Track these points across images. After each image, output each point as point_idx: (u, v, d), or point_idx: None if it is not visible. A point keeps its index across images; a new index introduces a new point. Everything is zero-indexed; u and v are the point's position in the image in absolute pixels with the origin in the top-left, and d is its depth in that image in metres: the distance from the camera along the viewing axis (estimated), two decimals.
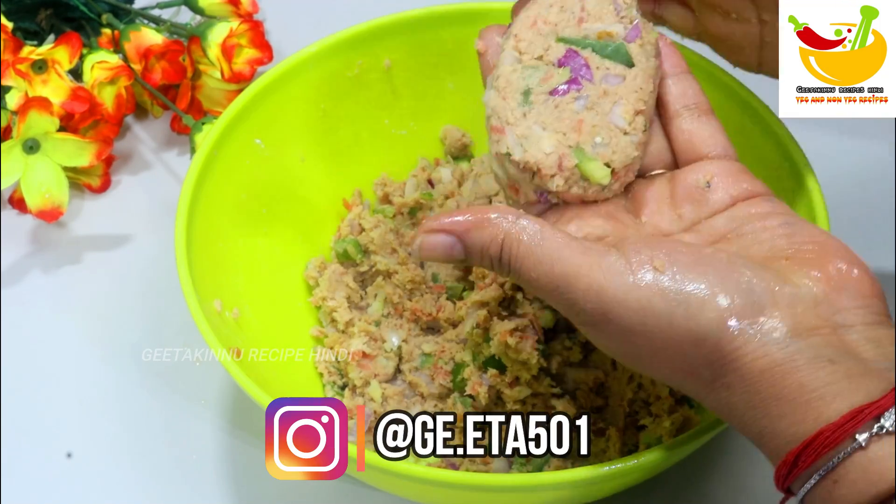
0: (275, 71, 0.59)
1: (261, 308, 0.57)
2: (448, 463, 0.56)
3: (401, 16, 0.61)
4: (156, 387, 0.61)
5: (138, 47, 0.70)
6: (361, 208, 0.63)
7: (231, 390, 0.60)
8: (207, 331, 0.49)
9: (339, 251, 0.61)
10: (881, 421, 0.36)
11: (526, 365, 0.55)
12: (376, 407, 0.57)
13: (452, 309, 0.58)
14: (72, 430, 0.60)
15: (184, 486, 0.57)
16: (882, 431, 0.35)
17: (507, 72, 0.47)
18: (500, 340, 0.55)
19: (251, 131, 0.59)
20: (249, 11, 0.75)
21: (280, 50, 0.73)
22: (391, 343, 0.58)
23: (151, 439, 0.59)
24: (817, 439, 0.36)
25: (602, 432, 0.56)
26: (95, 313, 0.64)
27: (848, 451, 0.36)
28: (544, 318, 0.56)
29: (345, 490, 0.57)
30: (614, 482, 0.48)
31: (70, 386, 0.61)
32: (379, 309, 0.60)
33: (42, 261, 0.67)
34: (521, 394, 0.55)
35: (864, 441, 0.36)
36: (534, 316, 0.55)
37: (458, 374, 0.56)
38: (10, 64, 0.66)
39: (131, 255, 0.67)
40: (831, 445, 0.36)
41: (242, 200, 0.58)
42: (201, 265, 0.53)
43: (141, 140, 0.74)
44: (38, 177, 0.65)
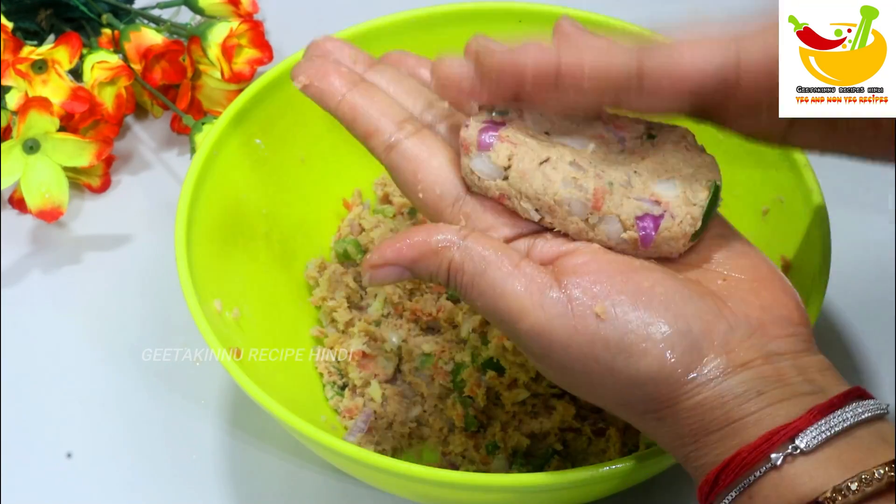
0: (275, 71, 0.59)
1: (261, 308, 0.57)
2: (448, 463, 0.56)
3: (400, 16, 0.61)
4: (156, 387, 0.61)
5: (138, 47, 0.70)
6: (361, 208, 0.63)
7: (231, 390, 0.60)
8: (207, 331, 0.49)
9: (339, 251, 0.61)
10: (795, 442, 0.37)
11: (524, 367, 0.55)
12: (376, 407, 0.57)
13: (452, 309, 0.58)
14: (72, 430, 0.60)
15: (184, 486, 0.57)
16: (796, 452, 0.37)
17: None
18: (497, 343, 0.55)
19: (251, 131, 0.59)
20: (249, 11, 0.75)
21: (280, 50, 0.73)
22: (391, 343, 0.58)
23: (151, 439, 0.59)
24: (735, 459, 0.38)
25: (602, 432, 0.56)
26: (95, 313, 0.64)
27: (763, 469, 0.38)
28: None
29: (345, 490, 0.57)
30: (614, 482, 0.48)
31: (70, 386, 0.61)
32: (379, 309, 0.60)
33: (42, 261, 0.67)
34: (519, 396, 0.55)
35: (779, 461, 0.37)
36: None
37: (458, 375, 0.56)
38: (10, 64, 0.66)
39: (131, 255, 0.67)
40: (748, 465, 0.38)
41: (242, 200, 0.58)
42: (201, 265, 0.53)
43: (141, 140, 0.74)
44: (38, 177, 0.65)
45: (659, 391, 0.40)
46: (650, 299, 0.40)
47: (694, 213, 0.42)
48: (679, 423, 0.40)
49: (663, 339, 0.39)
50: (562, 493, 0.48)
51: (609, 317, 0.39)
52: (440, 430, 0.57)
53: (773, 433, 0.38)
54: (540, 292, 0.40)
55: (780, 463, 0.37)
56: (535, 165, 0.42)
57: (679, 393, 0.39)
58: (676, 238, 0.42)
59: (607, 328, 0.39)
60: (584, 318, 0.39)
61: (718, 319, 0.40)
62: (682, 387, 0.39)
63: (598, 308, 0.39)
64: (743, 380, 0.39)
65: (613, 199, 0.42)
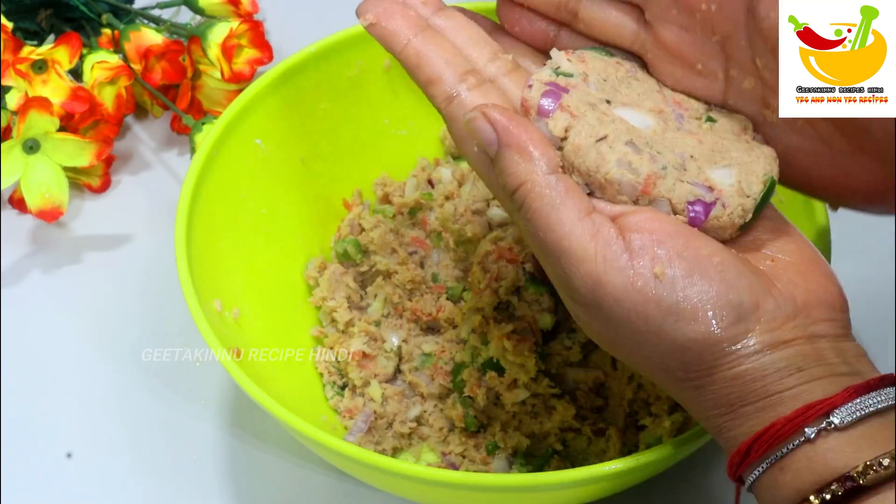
0: (275, 71, 0.59)
1: (261, 308, 0.57)
2: (448, 463, 0.56)
3: None
4: (156, 387, 0.61)
5: (138, 47, 0.70)
6: (361, 208, 0.63)
7: (231, 390, 0.60)
8: (207, 331, 0.49)
9: (339, 251, 0.61)
10: (830, 417, 0.38)
11: (524, 367, 0.55)
12: (376, 407, 0.57)
13: (452, 309, 0.58)
14: (72, 430, 0.60)
15: (184, 486, 0.57)
16: (831, 427, 0.38)
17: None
18: (497, 343, 0.55)
19: (251, 131, 0.59)
20: (249, 11, 0.75)
21: (280, 50, 0.73)
22: (391, 343, 0.58)
23: (151, 439, 0.59)
24: (769, 431, 0.39)
25: (602, 432, 0.56)
26: (95, 313, 0.64)
27: (797, 443, 0.38)
28: (542, 321, 0.56)
29: (345, 490, 0.57)
30: (614, 482, 0.48)
31: (70, 386, 0.61)
32: (379, 309, 0.60)
33: (42, 261, 0.67)
34: (518, 396, 0.55)
35: (812, 434, 0.38)
36: (532, 318, 0.55)
37: (458, 375, 0.56)
38: (10, 64, 0.66)
39: (131, 255, 0.67)
40: (782, 437, 0.39)
41: (242, 200, 0.58)
42: (201, 265, 0.53)
43: (141, 140, 0.74)
44: (38, 177, 0.65)
45: (702, 358, 0.40)
46: (707, 267, 0.40)
47: (746, 205, 0.42)
48: (717, 393, 0.40)
49: (714, 308, 0.40)
50: (562, 493, 0.48)
51: (667, 278, 0.40)
52: (440, 430, 0.57)
53: (809, 407, 0.38)
54: (605, 242, 0.40)
55: (814, 437, 0.38)
56: (591, 142, 0.42)
57: (721, 362, 0.40)
58: (725, 227, 0.42)
59: (663, 289, 0.40)
60: (643, 276, 0.40)
61: (767, 296, 0.40)
62: (725, 356, 0.40)
63: (657, 269, 0.40)
64: (784, 356, 0.40)
65: (666, 183, 0.42)
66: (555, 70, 0.44)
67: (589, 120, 0.42)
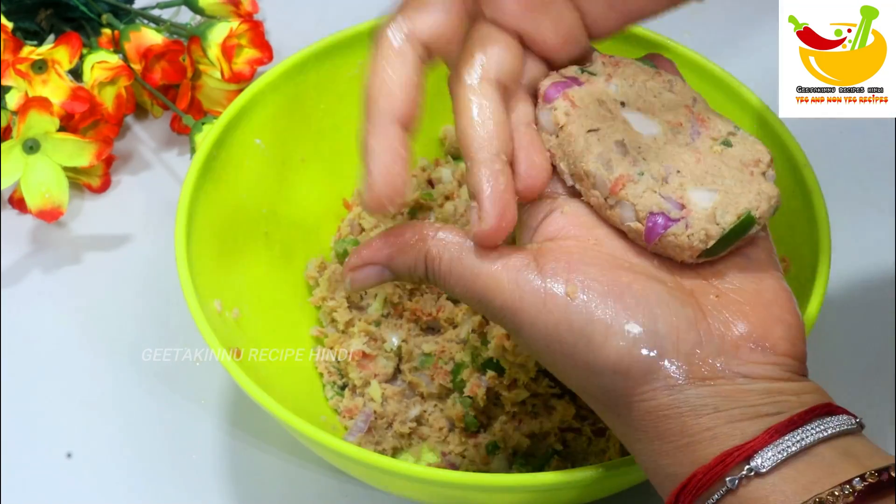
0: (275, 71, 0.59)
1: (261, 308, 0.57)
2: (448, 463, 0.56)
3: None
4: (155, 387, 0.61)
5: (138, 47, 0.70)
6: (361, 208, 0.63)
7: (231, 390, 0.60)
8: (207, 331, 0.49)
9: (339, 251, 0.61)
10: (751, 462, 0.37)
11: (524, 367, 0.55)
12: (376, 407, 0.57)
13: (452, 309, 0.58)
14: (72, 430, 0.60)
15: (184, 486, 0.57)
16: (752, 474, 0.37)
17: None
18: (497, 343, 0.55)
19: (251, 131, 0.59)
20: (249, 11, 0.75)
21: (280, 50, 0.73)
22: (391, 343, 0.58)
23: (151, 439, 0.59)
24: (691, 482, 0.38)
25: (602, 432, 0.56)
26: (95, 313, 0.64)
27: (721, 492, 0.37)
28: None
29: (345, 490, 0.57)
30: (614, 482, 0.48)
31: (70, 386, 0.61)
32: (379, 309, 0.60)
33: (42, 261, 0.67)
34: (518, 396, 0.55)
35: (734, 483, 0.37)
36: None
37: (458, 375, 0.56)
38: (10, 64, 0.66)
39: (131, 255, 0.67)
40: (704, 488, 0.37)
41: (242, 200, 0.58)
42: (201, 265, 0.53)
43: (141, 140, 0.74)
44: (38, 177, 0.65)
45: (615, 385, 0.39)
46: (623, 292, 0.39)
47: (711, 232, 0.41)
48: (636, 427, 0.40)
49: (626, 333, 0.39)
50: (562, 493, 0.48)
51: (578, 299, 0.39)
52: (440, 430, 0.57)
53: (727, 454, 0.37)
54: (516, 269, 0.40)
55: (737, 486, 0.37)
56: (582, 131, 0.42)
57: (637, 392, 0.39)
58: (682, 247, 0.41)
59: (574, 310, 0.39)
60: (554, 296, 0.39)
61: (690, 330, 0.39)
62: (639, 386, 0.39)
63: (568, 288, 0.39)
64: (700, 394, 0.38)
65: (636, 188, 0.41)
66: (582, 68, 0.45)
67: (589, 112, 0.43)
